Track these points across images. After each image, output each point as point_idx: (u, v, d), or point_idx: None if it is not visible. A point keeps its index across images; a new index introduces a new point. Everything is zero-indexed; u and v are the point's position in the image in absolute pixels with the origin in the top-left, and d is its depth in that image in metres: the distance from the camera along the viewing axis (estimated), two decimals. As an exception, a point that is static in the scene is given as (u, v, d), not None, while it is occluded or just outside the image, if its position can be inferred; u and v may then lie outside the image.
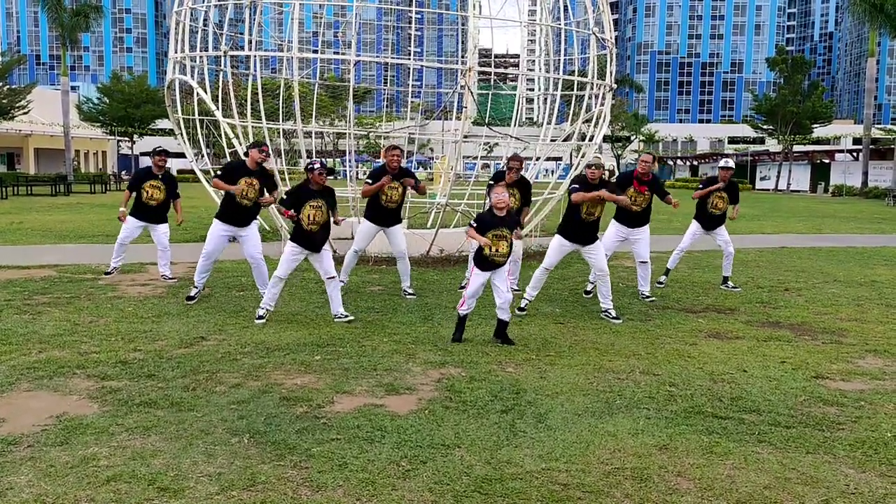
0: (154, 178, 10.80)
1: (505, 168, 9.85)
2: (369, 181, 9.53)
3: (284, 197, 8.35)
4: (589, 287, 10.11)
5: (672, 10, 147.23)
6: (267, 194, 9.03)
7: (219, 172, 9.17)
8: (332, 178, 8.59)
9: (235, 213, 8.95)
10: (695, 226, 11.02)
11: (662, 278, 11.07)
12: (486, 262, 7.32)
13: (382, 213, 9.66)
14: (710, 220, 10.92)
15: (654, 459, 4.57)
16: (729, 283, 11.11)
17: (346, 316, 8.28)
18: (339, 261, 9.93)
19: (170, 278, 10.71)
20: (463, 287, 10.78)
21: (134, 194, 10.83)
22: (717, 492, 4.15)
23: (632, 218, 9.84)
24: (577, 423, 5.20)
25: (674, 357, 7.03)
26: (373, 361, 6.62)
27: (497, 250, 7.23)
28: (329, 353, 6.89)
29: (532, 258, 12.24)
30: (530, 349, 7.21)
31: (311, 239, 8.15)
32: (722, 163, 11.00)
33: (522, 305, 8.91)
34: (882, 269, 13.27)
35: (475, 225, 7.34)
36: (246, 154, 9.07)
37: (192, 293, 9.23)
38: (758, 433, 5.06)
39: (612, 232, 9.97)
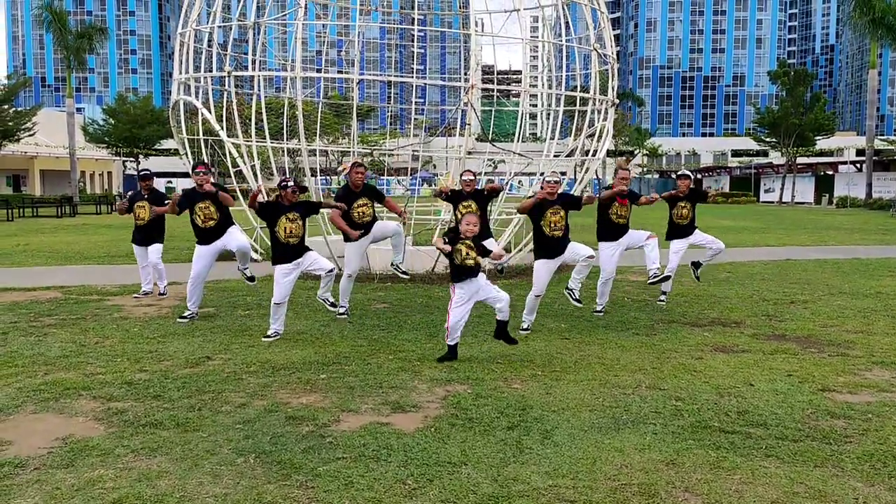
0: (140, 199, 11.34)
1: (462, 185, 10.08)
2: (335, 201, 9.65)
3: (258, 207, 8.54)
4: (598, 307, 10.04)
5: (673, 25, 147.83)
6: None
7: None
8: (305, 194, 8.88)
9: (204, 235, 9.28)
10: (674, 244, 10.85)
11: (662, 298, 10.95)
12: (462, 270, 7.26)
13: (359, 230, 9.51)
14: (680, 231, 10.77)
15: (661, 475, 4.55)
16: (700, 269, 11.11)
17: (331, 303, 8.64)
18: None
19: (161, 294, 11.23)
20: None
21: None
22: (725, 507, 4.13)
23: (618, 232, 9.93)
24: (583, 438, 5.18)
25: (680, 371, 7.01)
26: (378, 379, 6.62)
27: (467, 254, 7.18)
28: (334, 371, 6.89)
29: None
30: (536, 365, 7.19)
31: (291, 251, 8.26)
32: (680, 172, 11.09)
33: (525, 327, 8.85)
34: (888, 281, 13.23)
35: (446, 240, 7.37)
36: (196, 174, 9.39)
37: (186, 314, 9.35)
38: (765, 447, 5.04)
39: (608, 251, 9.96)
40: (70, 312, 9.82)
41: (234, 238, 9.41)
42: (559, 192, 8.83)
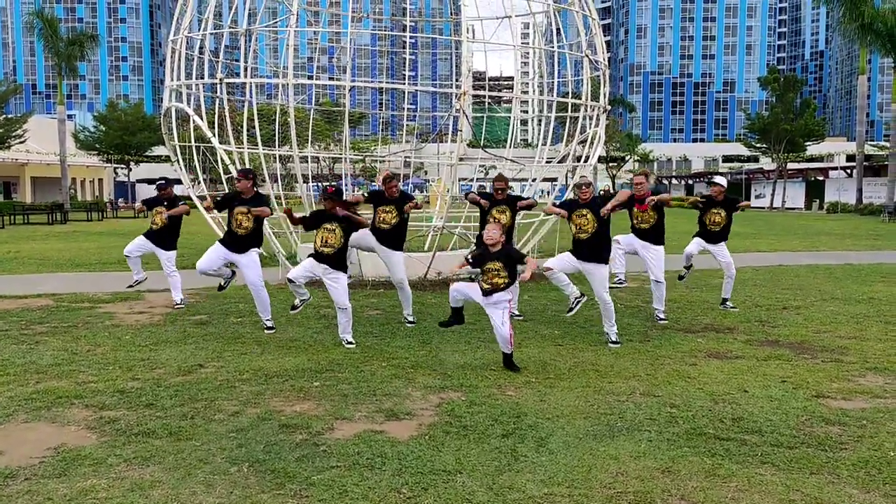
0: (159, 204, 10.98)
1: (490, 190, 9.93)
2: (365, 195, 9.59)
3: (306, 217, 8.61)
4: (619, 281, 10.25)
5: (663, 31, 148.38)
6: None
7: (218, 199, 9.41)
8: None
9: (232, 241, 9.07)
10: (697, 239, 10.94)
11: (684, 272, 11.16)
12: (482, 290, 7.34)
13: (377, 234, 9.45)
14: (710, 237, 10.87)
15: (656, 483, 4.54)
16: (728, 303, 11.10)
17: (347, 341, 8.34)
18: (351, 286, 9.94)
19: (178, 304, 10.76)
20: None
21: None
22: (721, 514, 4.13)
23: (642, 235, 9.90)
24: (578, 446, 5.17)
25: (674, 378, 7.01)
26: (372, 387, 6.59)
27: (492, 281, 7.25)
28: (328, 378, 6.86)
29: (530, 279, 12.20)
30: (530, 372, 7.18)
31: (325, 259, 8.24)
32: (716, 179, 11.05)
33: (575, 296, 8.64)
34: (880, 286, 13.27)
35: (471, 260, 7.42)
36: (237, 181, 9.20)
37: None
38: (761, 454, 5.03)
39: (619, 246, 10.02)
40: (61, 320, 9.75)
41: (251, 273, 9.09)
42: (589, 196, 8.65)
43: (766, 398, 6.36)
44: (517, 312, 10.08)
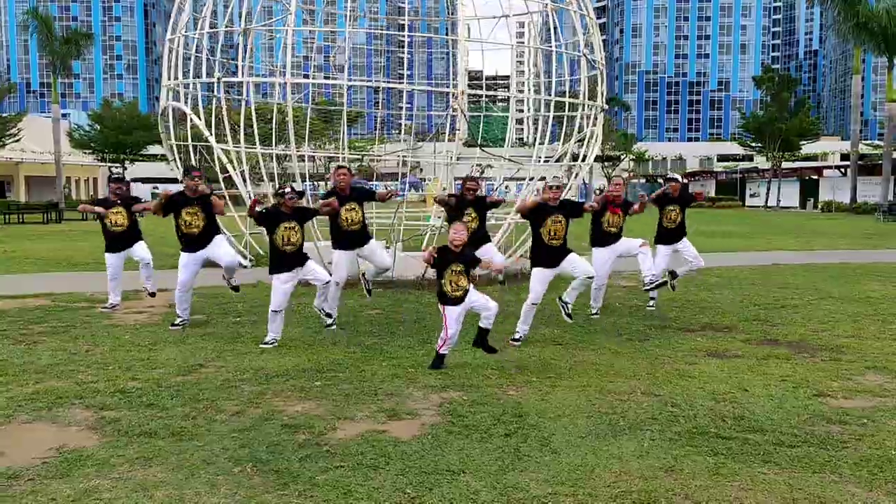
0: (114, 205, 10.50)
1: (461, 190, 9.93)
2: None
3: (260, 214, 8.47)
4: (593, 310, 10.13)
5: (658, 31, 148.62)
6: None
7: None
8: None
9: (188, 241, 9.12)
10: (661, 248, 10.87)
11: (675, 281, 11.05)
12: (450, 299, 7.25)
13: (347, 237, 9.20)
14: (668, 235, 10.81)
15: (660, 482, 4.55)
16: (676, 279, 10.79)
17: (327, 315, 8.54)
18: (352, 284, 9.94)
19: (150, 293, 10.61)
20: (502, 283, 10.99)
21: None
22: (725, 514, 4.13)
23: (610, 238, 10.02)
24: (581, 445, 5.17)
25: (674, 377, 7.02)
26: (373, 386, 6.59)
27: (458, 284, 7.20)
28: (329, 378, 6.86)
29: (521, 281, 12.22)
30: (530, 371, 7.18)
31: (289, 259, 8.22)
32: (669, 176, 11.17)
33: (517, 337, 8.62)
34: (876, 285, 13.31)
35: (435, 255, 7.31)
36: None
37: (177, 321, 9.25)
38: (763, 453, 5.04)
39: (601, 257, 9.97)
40: (59, 320, 9.73)
41: (224, 252, 9.22)
42: (560, 197, 8.68)
43: (766, 397, 6.37)
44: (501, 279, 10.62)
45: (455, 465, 4.79)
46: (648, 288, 10.22)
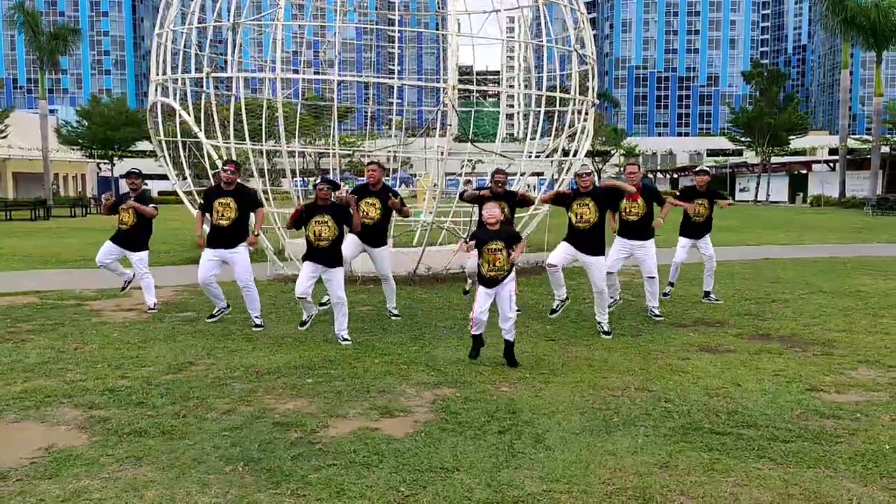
0: (127, 200, 10.12)
1: (489, 183, 9.83)
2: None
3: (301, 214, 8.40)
4: (612, 300, 9.89)
5: (648, 26, 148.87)
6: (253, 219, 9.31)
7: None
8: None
9: (217, 236, 8.99)
10: (682, 241, 11.01)
11: (668, 289, 11.08)
12: (486, 279, 7.27)
13: (362, 229, 9.22)
14: (694, 229, 10.88)
15: (655, 478, 4.53)
16: (711, 296, 11.12)
17: (345, 339, 8.25)
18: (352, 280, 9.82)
19: (151, 308, 10.01)
20: (466, 293, 10.84)
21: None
22: (721, 510, 4.11)
23: (631, 230, 9.65)
24: (575, 442, 5.14)
25: (667, 372, 7.01)
26: (365, 383, 6.54)
27: (494, 264, 7.19)
28: (320, 375, 6.81)
29: (520, 274, 12.20)
30: (524, 367, 7.15)
31: (321, 254, 8.19)
32: (698, 168, 11.11)
33: (555, 307, 9.31)
34: (867, 279, 13.35)
35: (469, 241, 7.34)
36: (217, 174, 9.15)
37: (215, 312, 9.40)
38: (757, 448, 5.03)
39: (615, 247, 9.84)
40: (47, 318, 9.63)
41: (242, 269, 9.00)
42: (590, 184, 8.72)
43: (760, 392, 6.36)
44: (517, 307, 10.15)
45: (449, 463, 4.75)
46: (654, 315, 9.95)
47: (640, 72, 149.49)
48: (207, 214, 9.12)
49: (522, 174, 15.37)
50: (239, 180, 9.18)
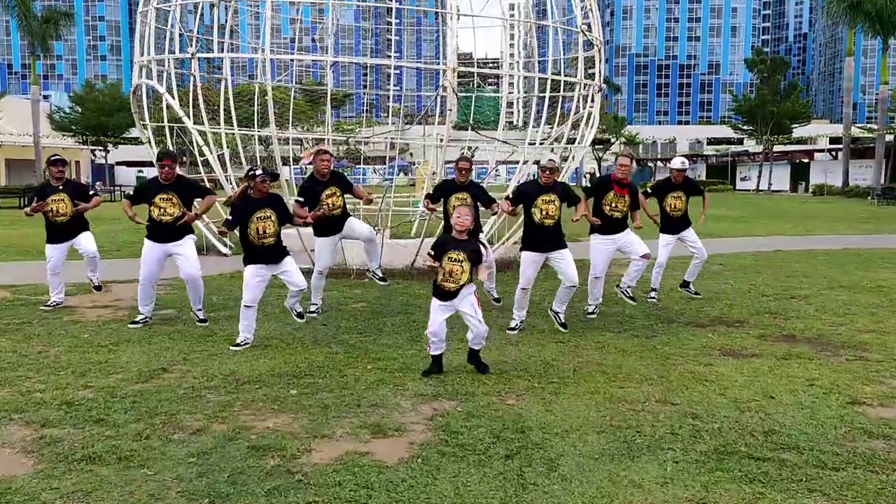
0: (55, 192, 9.33)
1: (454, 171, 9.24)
2: (300, 199, 8.49)
3: (229, 218, 7.53)
4: (590, 309, 9.19)
5: (649, 13, 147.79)
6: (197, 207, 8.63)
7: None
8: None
9: (157, 230, 8.21)
10: (663, 237, 10.24)
11: (652, 294, 10.28)
12: (440, 291, 6.45)
13: (330, 224, 8.58)
14: (672, 224, 10.14)
15: (691, 519, 3.86)
16: (690, 287, 10.42)
17: (297, 313, 8.08)
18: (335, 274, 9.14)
19: (96, 286, 9.94)
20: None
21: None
22: (774, 563, 3.45)
23: (613, 225, 8.85)
24: (594, 469, 4.47)
25: (689, 381, 6.33)
26: (356, 395, 5.86)
27: (451, 275, 6.35)
28: (306, 385, 6.12)
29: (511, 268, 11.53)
30: (531, 375, 6.47)
31: (264, 252, 7.40)
32: (674, 163, 10.28)
33: (513, 326, 8.23)
34: (886, 273, 12.69)
35: (432, 253, 6.51)
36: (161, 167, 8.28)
37: (137, 319, 8.42)
38: (805, 478, 4.36)
39: (599, 246, 8.97)
40: (15, 316, 8.92)
41: (189, 263, 8.25)
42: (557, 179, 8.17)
43: (796, 405, 5.69)
44: (496, 296, 9.52)
45: (450, 497, 4.09)
46: (625, 295, 9.32)
47: (640, 59, 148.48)
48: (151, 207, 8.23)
49: (525, 162, 14.67)
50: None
